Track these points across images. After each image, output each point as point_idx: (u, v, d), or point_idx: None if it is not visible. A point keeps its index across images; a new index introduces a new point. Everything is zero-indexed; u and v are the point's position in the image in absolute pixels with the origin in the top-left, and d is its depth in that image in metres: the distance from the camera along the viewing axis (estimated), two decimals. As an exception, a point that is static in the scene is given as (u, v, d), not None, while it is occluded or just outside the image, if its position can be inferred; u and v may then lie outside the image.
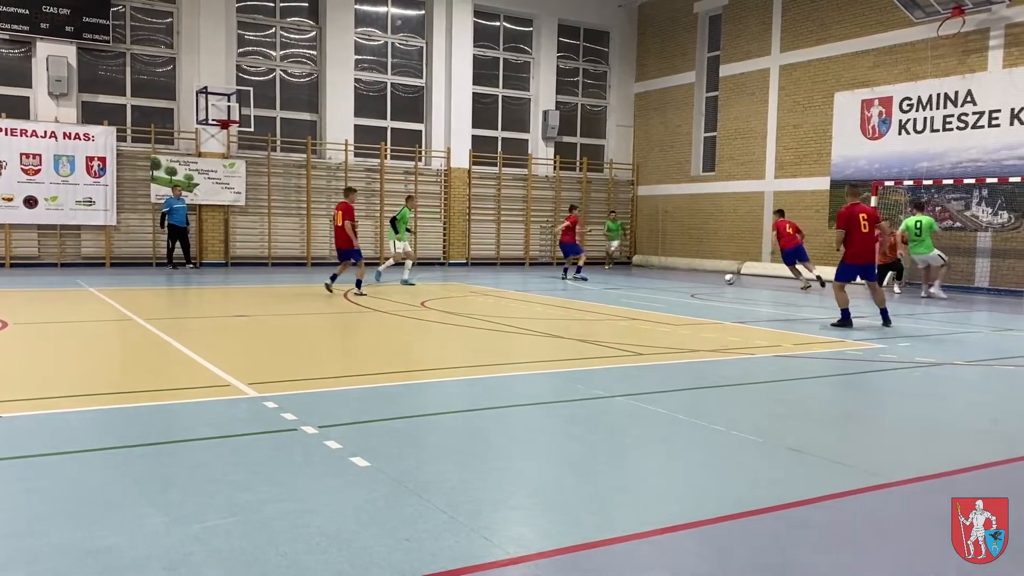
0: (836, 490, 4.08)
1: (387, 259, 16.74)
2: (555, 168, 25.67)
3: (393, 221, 16.82)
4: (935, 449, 5.05)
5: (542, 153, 25.65)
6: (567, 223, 19.15)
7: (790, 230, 17.41)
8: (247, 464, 4.32)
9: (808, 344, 9.27)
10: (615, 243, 24.86)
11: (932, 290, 16.08)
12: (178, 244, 19.38)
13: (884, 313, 10.78)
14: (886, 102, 19.60)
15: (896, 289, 17.79)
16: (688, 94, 25.26)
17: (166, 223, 19.08)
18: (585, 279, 18.70)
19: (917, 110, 18.97)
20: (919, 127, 18.97)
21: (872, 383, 7.31)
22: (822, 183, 21.21)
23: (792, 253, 17.53)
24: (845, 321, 10.51)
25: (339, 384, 6.54)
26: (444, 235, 23.90)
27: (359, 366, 7.59)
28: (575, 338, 9.38)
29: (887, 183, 19.01)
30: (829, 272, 20.88)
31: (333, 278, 14.15)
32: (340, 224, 13.94)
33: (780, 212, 18.45)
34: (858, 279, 10.99)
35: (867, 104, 20.01)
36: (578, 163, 26.31)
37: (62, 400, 5.76)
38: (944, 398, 6.72)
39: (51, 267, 18.97)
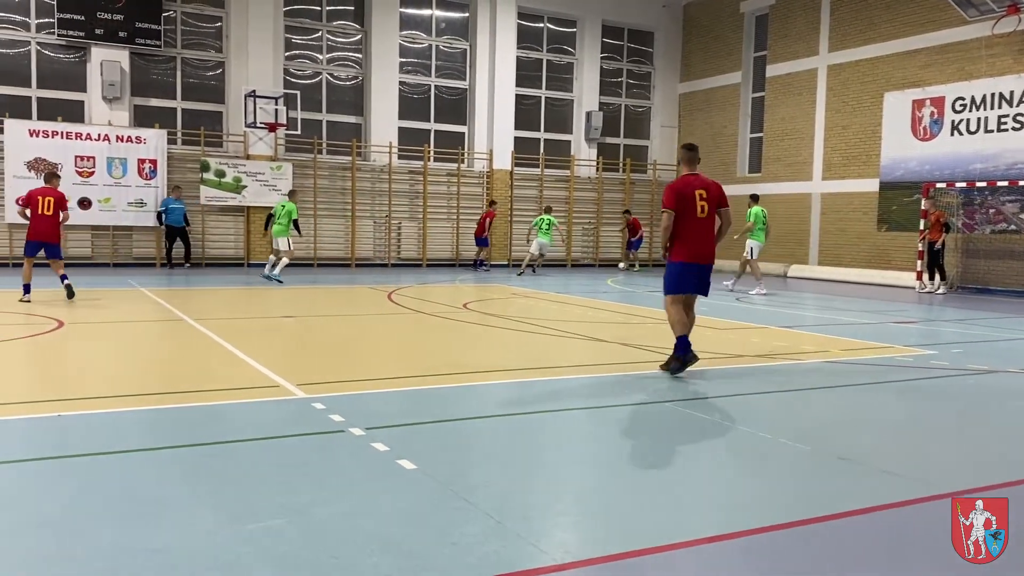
0: (887, 500, 4.02)
1: (281, 259, 16.32)
2: (598, 169, 25.59)
3: (270, 219, 16.82)
4: (990, 459, 4.93)
5: (584, 154, 25.58)
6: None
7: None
8: (296, 465, 4.38)
9: (857, 349, 9.12)
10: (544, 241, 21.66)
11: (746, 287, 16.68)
12: (179, 243, 19.66)
13: (681, 346, 7.12)
14: (938, 102, 19.19)
15: (940, 289, 17.41)
16: (734, 94, 25.00)
17: (163, 222, 19.44)
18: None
19: (970, 110, 18.54)
20: (972, 127, 18.53)
21: (924, 390, 7.17)
22: (871, 185, 20.84)
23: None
24: (678, 354, 7.09)
25: (385, 386, 6.61)
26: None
27: (404, 368, 7.65)
28: (618, 341, 9.34)
29: (939, 185, 18.60)
30: (853, 274, 20.64)
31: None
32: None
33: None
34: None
35: (918, 104, 19.61)
36: (621, 164, 26.19)
37: (115, 400, 5.90)
38: (999, 406, 6.56)
39: (104, 267, 19.43)
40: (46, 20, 19.32)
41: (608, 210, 25.80)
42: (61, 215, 12.30)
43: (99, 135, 19.36)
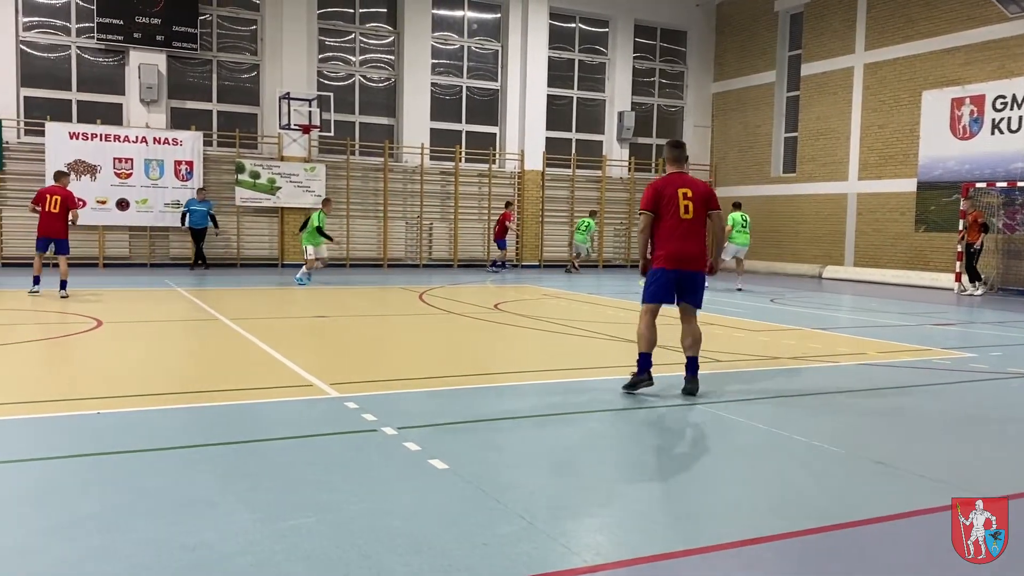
0: (925, 506, 3.95)
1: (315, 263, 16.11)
2: (630, 169, 25.49)
3: (306, 224, 16.56)
4: (1031, 465, 4.83)
5: (616, 154, 25.49)
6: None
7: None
8: (329, 464, 4.42)
9: (894, 352, 8.98)
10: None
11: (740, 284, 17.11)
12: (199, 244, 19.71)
13: (693, 367, 6.47)
14: (978, 100, 18.84)
15: (979, 291, 17.09)
16: (768, 94, 24.76)
17: (187, 223, 19.50)
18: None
19: (1012, 108, 18.18)
20: (1014, 126, 18.17)
21: (962, 394, 7.04)
22: (908, 185, 20.52)
23: None
24: (637, 374, 6.38)
25: (417, 386, 6.63)
26: (517, 237, 23.98)
27: (436, 368, 7.68)
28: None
29: (978, 185, 18.26)
30: (890, 275, 20.33)
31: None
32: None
33: None
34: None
35: (957, 103, 19.27)
36: (653, 164, 26.06)
37: (152, 398, 5.99)
38: (1041, 411, 6.42)
39: (141, 267, 19.75)
40: (86, 24, 19.69)
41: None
42: (69, 213, 12.81)
43: (137, 137, 19.69)
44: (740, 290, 16.65)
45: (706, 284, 6.61)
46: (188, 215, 19.53)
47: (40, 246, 12.92)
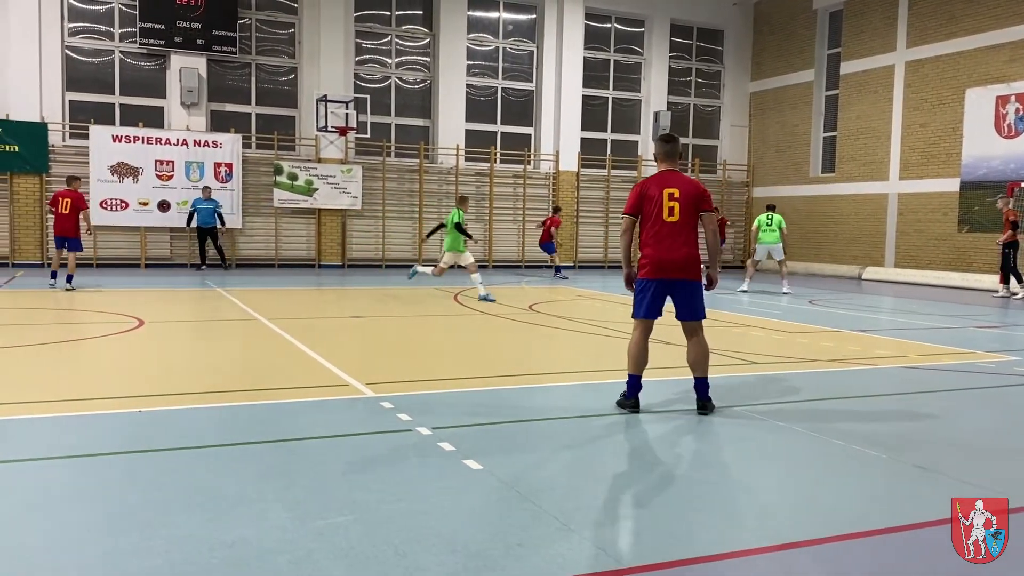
0: (968, 512, 3.87)
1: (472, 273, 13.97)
2: (666, 170, 25.27)
3: (440, 228, 14.84)
4: (1079, 472, 4.71)
5: (652, 155, 25.32)
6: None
7: None
8: (365, 463, 4.45)
9: (935, 355, 8.82)
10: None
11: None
12: (209, 244, 19.71)
13: (700, 388, 5.91)
14: (1024, 98, 18.44)
15: (1020, 294, 16.69)
16: (806, 93, 24.46)
17: (195, 222, 19.48)
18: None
19: (1059, 106, 17.75)
20: (1061, 124, 17.74)
21: (1007, 398, 6.89)
22: (951, 184, 20.14)
23: None
24: (625, 395, 5.91)
25: (451, 386, 6.66)
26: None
27: (470, 368, 7.70)
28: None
29: (1024, 184, 17.87)
30: (932, 276, 19.92)
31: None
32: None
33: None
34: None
35: (1002, 100, 18.87)
36: (690, 164, 25.88)
37: (192, 396, 6.08)
38: (1089, 416, 6.26)
39: (182, 267, 20.07)
40: (129, 29, 20.07)
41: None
42: (80, 214, 14.22)
43: (178, 140, 20.01)
44: (787, 294, 16.25)
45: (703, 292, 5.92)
46: (195, 214, 19.49)
47: (58, 244, 14.37)
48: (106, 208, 19.41)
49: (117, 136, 19.51)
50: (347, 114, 20.86)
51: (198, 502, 3.77)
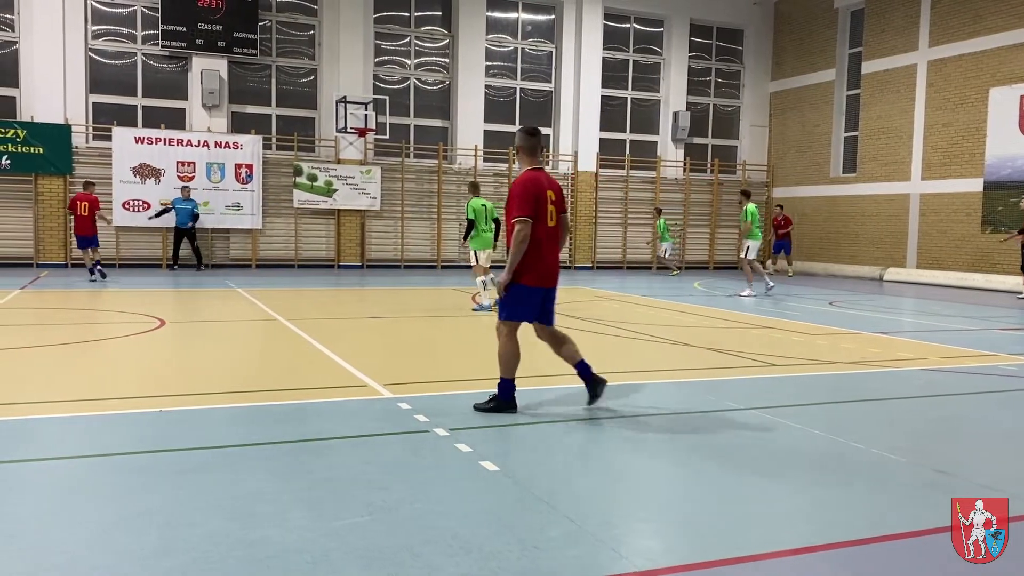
0: (988, 517, 3.84)
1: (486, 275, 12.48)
2: (685, 170, 25.24)
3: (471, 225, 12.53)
4: (1102, 477, 4.66)
5: (671, 155, 25.27)
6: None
7: None
8: (382, 464, 4.48)
9: (958, 357, 8.73)
10: (666, 245, 22.37)
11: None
12: (185, 244, 19.57)
13: (585, 374, 5.98)
14: (1048, 97, 18.21)
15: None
16: (827, 92, 24.29)
17: (159, 215, 19.36)
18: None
19: (1084, 105, 17.52)
20: (1087, 123, 17.52)
21: (1030, 401, 6.81)
22: (974, 185, 19.93)
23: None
24: (504, 400, 5.76)
25: (468, 387, 6.67)
26: (570, 238, 23.95)
27: (488, 369, 7.71)
28: (704, 346, 9.20)
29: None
30: (954, 278, 19.68)
31: None
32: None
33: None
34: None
35: (1026, 99, 18.65)
36: (709, 165, 25.77)
37: (212, 396, 6.15)
38: (1113, 420, 6.18)
39: (203, 268, 20.22)
40: (151, 32, 20.27)
41: (695, 211, 25.43)
42: (96, 215, 16.09)
43: (199, 141, 20.19)
44: (751, 294, 15.65)
45: None
46: (176, 213, 19.34)
47: (80, 244, 16.29)
48: (128, 209, 19.62)
49: (139, 138, 19.71)
50: (366, 115, 20.96)
51: (219, 501, 3.82)
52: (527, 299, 5.70)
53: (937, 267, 20.76)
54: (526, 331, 5.91)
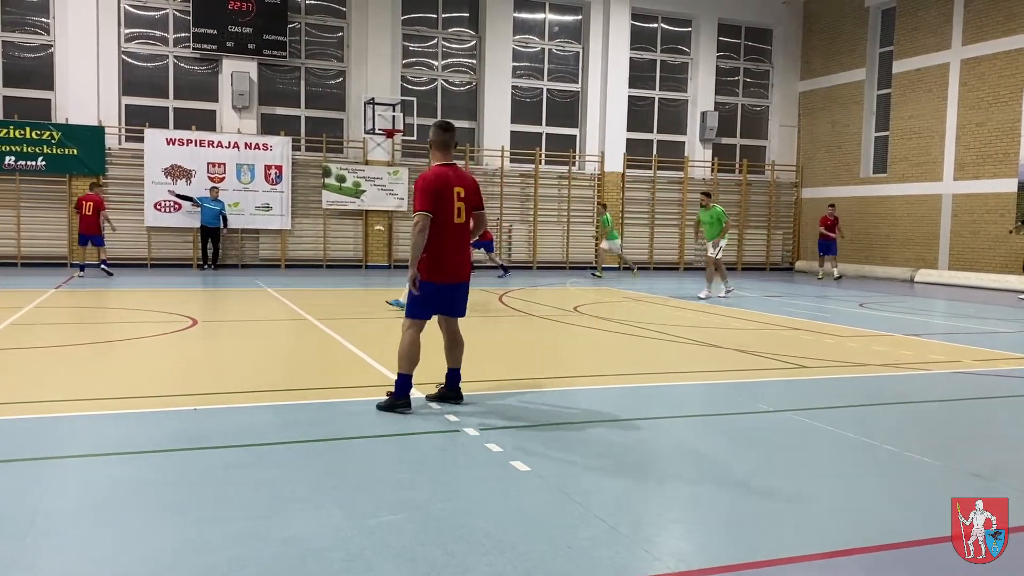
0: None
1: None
2: (713, 170, 25.10)
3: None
4: None
5: (699, 155, 25.14)
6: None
7: None
8: (414, 462, 4.51)
9: (992, 360, 8.61)
10: (613, 243, 21.04)
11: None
12: (211, 244, 19.79)
13: (452, 381, 6.05)
14: (1085, 96, 17.89)
15: None
16: (857, 92, 24.03)
17: (182, 198, 19.54)
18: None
19: (1123, 104, 17.19)
20: (1125, 122, 17.18)
21: (1067, 405, 6.70)
22: (1008, 185, 19.62)
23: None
24: (398, 396, 5.71)
25: (498, 388, 6.70)
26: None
27: (516, 370, 7.74)
28: (734, 348, 9.15)
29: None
30: (988, 279, 19.37)
31: None
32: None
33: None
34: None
35: (1063, 98, 18.34)
36: (737, 165, 25.61)
37: (245, 395, 6.22)
38: None
39: (233, 268, 20.44)
40: (182, 35, 20.51)
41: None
42: (101, 215, 16.91)
43: (229, 143, 20.41)
44: (730, 292, 15.45)
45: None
46: (201, 212, 19.57)
47: (82, 241, 17.02)
48: (160, 210, 19.87)
49: (171, 139, 19.96)
50: (394, 116, 21.05)
51: (252, 499, 3.86)
52: (433, 296, 5.75)
53: (969, 268, 20.47)
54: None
